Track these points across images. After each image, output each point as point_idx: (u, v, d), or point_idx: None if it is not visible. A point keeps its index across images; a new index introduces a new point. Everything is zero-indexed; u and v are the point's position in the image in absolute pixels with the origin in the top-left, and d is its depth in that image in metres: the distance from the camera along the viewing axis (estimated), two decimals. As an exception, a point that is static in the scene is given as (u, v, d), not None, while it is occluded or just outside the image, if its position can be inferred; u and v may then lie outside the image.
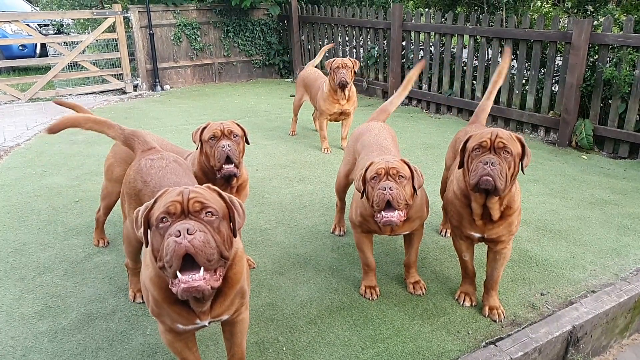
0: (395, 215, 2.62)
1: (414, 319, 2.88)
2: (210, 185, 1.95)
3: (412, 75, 3.75)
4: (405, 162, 2.73)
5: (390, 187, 2.58)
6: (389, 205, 2.60)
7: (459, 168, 2.71)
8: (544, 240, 3.74)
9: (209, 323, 2.04)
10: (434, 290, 3.15)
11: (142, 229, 1.86)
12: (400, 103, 3.79)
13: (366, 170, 2.74)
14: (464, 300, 3.00)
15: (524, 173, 2.61)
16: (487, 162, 2.45)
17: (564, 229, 3.91)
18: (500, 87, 6.80)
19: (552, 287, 3.16)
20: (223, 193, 1.92)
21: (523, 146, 2.55)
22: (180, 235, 1.68)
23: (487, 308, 2.90)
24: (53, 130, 2.66)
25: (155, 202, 1.86)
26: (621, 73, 5.43)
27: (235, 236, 1.91)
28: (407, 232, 2.98)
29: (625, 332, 3.17)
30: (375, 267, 3.13)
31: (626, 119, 5.57)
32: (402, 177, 2.65)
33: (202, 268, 1.73)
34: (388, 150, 3.15)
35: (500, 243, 2.76)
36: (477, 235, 2.76)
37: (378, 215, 2.66)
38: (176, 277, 1.72)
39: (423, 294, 3.09)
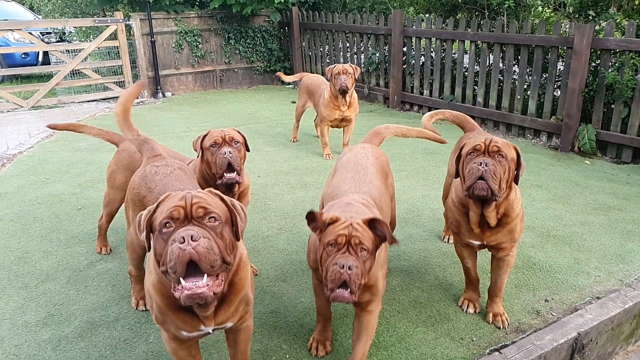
0: (347, 294, 2.09)
1: (418, 326, 2.86)
2: (212, 189, 1.95)
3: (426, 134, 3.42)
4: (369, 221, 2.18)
5: (349, 267, 2.06)
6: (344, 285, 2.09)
7: (455, 177, 2.70)
8: (547, 246, 3.73)
9: (213, 330, 2.03)
10: (438, 297, 3.13)
11: (144, 233, 1.86)
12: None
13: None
14: (467, 307, 2.99)
15: (516, 183, 2.58)
16: (480, 163, 2.44)
17: (568, 235, 3.90)
18: (502, 92, 6.85)
19: (556, 294, 3.14)
20: (225, 197, 1.92)
21: (518, 155, 2.53)
22: (184, 241, 1.68)
23: (491, 315, 2.88)
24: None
25: (157, 206, 1.86)
26: (623, 78, 5.43)
27: (237, 240, 1.91)
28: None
29: (630, 339, 3.15)
30: (331, 318, 2.67)
31: (629, 124, 5.56)
32: (365, 250, 2.12)
33: (205, 275, 1.73)
34: (365, 171, 2.75)
35: (502, 250, 2.74)
36: (477, 243, 2.74)
37: (328, 292, 2.12)
38: (179, 282, 1.72)
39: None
